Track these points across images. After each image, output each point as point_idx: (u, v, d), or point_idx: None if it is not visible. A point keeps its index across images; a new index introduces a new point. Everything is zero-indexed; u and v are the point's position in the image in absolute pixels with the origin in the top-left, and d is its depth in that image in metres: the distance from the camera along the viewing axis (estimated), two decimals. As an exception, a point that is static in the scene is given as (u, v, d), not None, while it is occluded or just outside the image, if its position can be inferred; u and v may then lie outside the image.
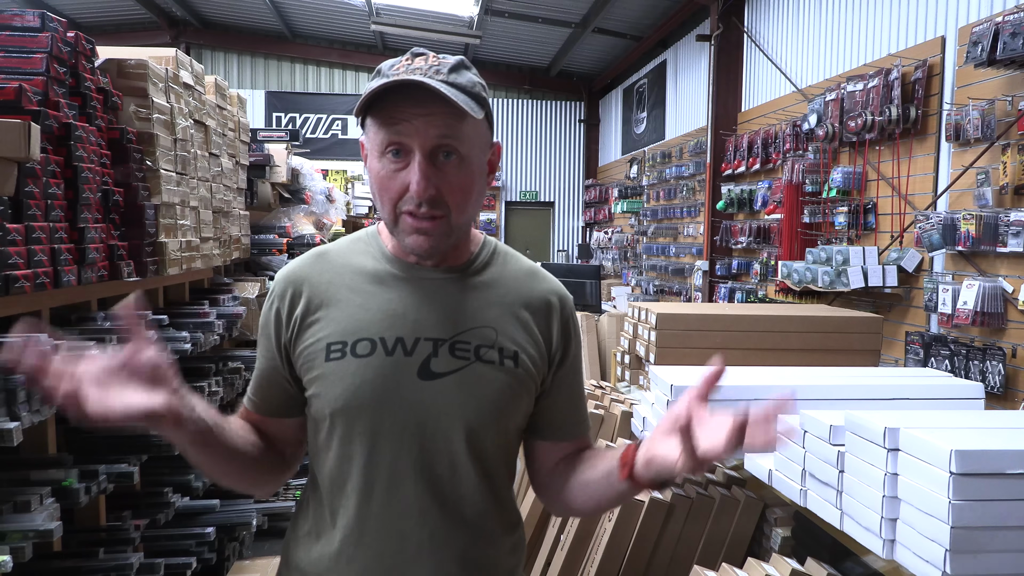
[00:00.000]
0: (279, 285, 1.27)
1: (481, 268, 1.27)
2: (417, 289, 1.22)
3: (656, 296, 10.35)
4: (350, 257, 1.27)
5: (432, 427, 1.19)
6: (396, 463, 1.19)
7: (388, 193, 1.16)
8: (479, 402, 1.19)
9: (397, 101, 1.13)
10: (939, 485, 1.43)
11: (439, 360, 1.19)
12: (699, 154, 9.12)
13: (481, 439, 1.21)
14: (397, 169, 1.14)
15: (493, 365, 1.20)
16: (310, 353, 1.21)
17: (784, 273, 5.86)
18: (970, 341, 4.35)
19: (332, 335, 1.20)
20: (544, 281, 1.30)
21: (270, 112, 14.12)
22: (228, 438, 1.18)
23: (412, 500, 1.19)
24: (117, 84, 2.82)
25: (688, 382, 2.26)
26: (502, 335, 1.22)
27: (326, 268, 1.26)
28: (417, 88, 1.11)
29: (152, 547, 2.80)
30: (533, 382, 1.25)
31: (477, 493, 1.22)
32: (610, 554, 2.39)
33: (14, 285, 1.97)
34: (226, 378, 3.46)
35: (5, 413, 1.84)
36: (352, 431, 1.19)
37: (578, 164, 15.24)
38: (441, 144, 1.13)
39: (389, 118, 1.13)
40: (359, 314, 1.21)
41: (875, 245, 5.29)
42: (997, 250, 4.08)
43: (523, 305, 1.26)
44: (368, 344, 1.19)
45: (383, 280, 1.23)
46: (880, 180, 5.41)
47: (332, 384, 1.19)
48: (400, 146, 1.13)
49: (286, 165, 5.22)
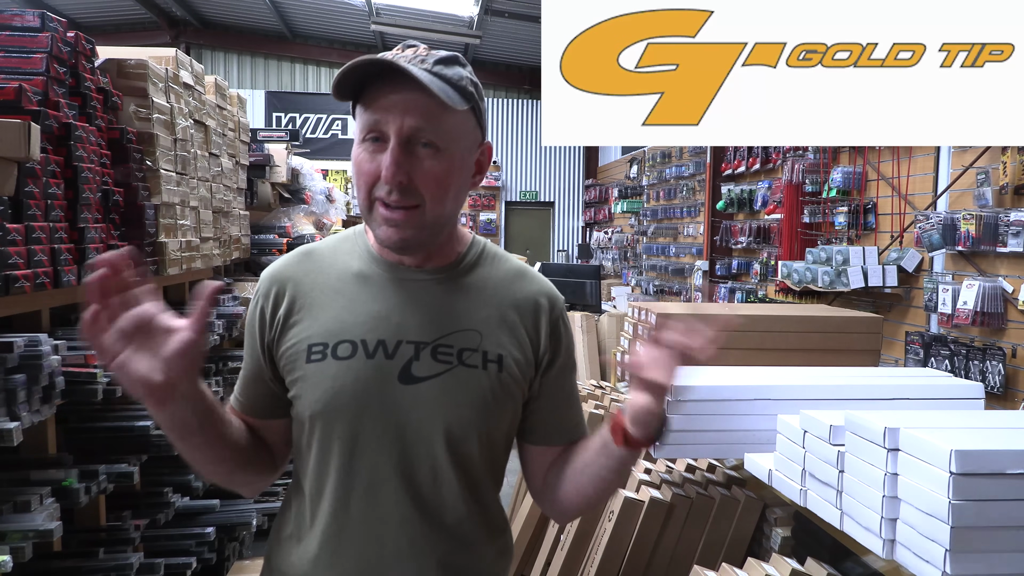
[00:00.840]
0: (263, 284, 1.25)
1: (469, 269, 1.24)
2: (401, 290, 1.20)
3: (656, 296, 10.35)
4: (336, 256, 1.24)
5: (412, 433, 1.16)
6: (375, 468, 1.16)
7: (363, 177, 1.14)
8: (460, 408, 1.16)
9: (380, 87, 1.11)
10: (939, 485, 1.43)
11: (420, 364, 1.16)
12: (699, 154, 9.12)
13: (463, 445, 1.18)
14: (373, 153, 1.12)
15: (476, 370, 1.17)
16: (292, 354, 1.19)
17: (784, 273, 5.86)
18: (970, 341, 4.35)
19: (314, 336, 1.18)
20: (533, 282, 1.27)
21: (270, 112, 14.12)
22: (225, 429, 1.16)
23: (392, 506, 1.17)
24: (117, 84, 2.82)
25: (688, 382, 2.26)
26: (487, 339, 1.19)
27: (312, 267, 1.24)
28: (397, 74, 1.09)
29: (152, 547, 2.80)
30: (519, 387, 1.22)
31: (459, 500, 1.19)
32: (610, 554, 2.39)
33: (14, 285, 1.97)
34: (226, 378, 3.46)
35: (5, 413, 1.84)
36: (331, 434, 1.17)
37: (578, 164, 15.24)
38: (417, 132, 1.11)
39: (371, 102, 1.12)
40: (342, 315, 1.18)
41: (875, 245, 5.29)
42: (997, 250, 4.08)
43: (511, 307, 1.23)
44: (349, 346, 1.16)
45: (368, 281, 1.21)
46: (880, 180, 5.41)
47: (312, 386, 1.17)
48: (379, 132, 1.12)
49: (286, 165, 5.23)
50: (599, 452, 1.20)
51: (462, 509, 1.20)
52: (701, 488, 2.48)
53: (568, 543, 2.55)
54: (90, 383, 2.15)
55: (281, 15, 12.83)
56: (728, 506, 2.39)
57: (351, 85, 1.12)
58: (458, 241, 1.25)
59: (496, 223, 15.00)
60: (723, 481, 2.56)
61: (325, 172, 7.32)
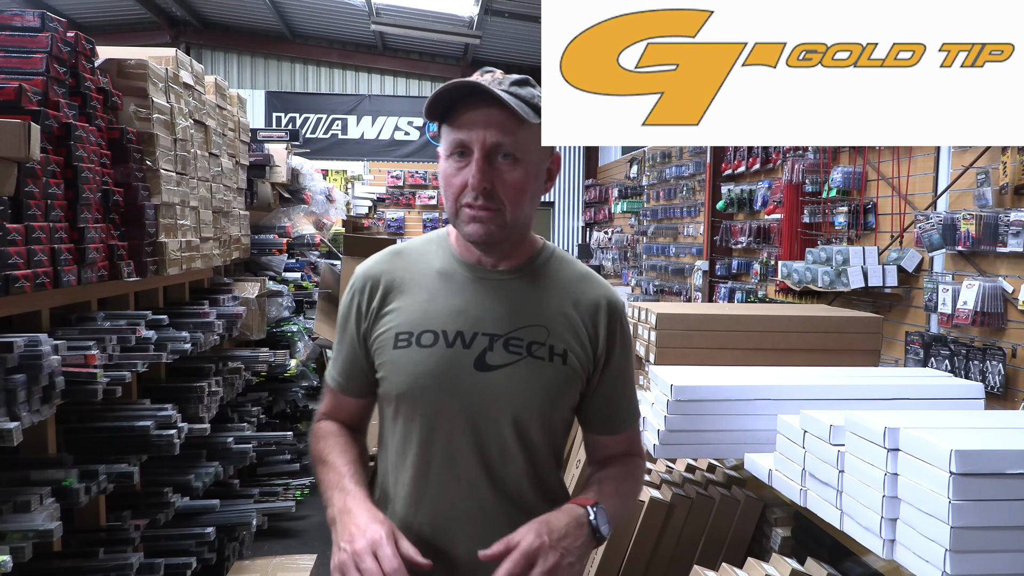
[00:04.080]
0: (358, 280, 1.41)
1: (539, 270, 1.39)
2: (479, 287, 1.35)
3: (656, 296, 10.34)
4: (422, 256, 1.41)
5: (484, 414, 1.32)
6: (451, 443, 1.33)
7: (451, 189, 1.30)
8: (527, 395, 1.32)
9: (465, 109, 1.28)
10: (939, 485, 1.43)
11: (494, 354, 1.31)
12: (699, 154, 9.12)
13: (527, 428, 1.33)
14: (460, 167, 1.29)
15: (543, 362, 1.32)
16: (382, 341, 1.36)
17: (784, 273, 5.86)
18: (970, 341, 4.34)
19: (401, 325, 1.35)
20: (597, 286, 1.41)
21: (270, 112, 14.10)
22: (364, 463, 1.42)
23: (464, 475, 1.33)
24: (117, 84, 2.81)
25: (688, 382, 2.26)
26: (553, 334, 1.34)
27: (400, 265, 1.41)
28: (479, 96, 1.26)
29: (152, 547, 2.80)
30: (580, 380, 1.37)
31: (523, 475, 1.35)
32: (610, 554, 2.39)
33: (14, 285, 1.97)
34: (226, 378, 3.46)
35: (5, 413, 1.84)
36: (413, 413, 1.34)
37: (578, 164, 15.23)
38: (498, 145, 1.27)
39: (456, 122, 1.29)
40: (426, 307, 1.35)
41: (875, 245, 5.28)
42: (997, 250, 4.08)
43: (574, 306, 1.37)
44: (431, 336, 1.32)
45: (450, 278, 1.37)
46: (880, 180, 5.41)
47: (397, 370, 1.34)
48: (464, 147, 1.28)
49: (286, 165, 5.22)
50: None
51: (525, 483, 1.35)
52: (701, 488, 2.48)
53: (568, 543, 2.54)
54: (90, 383, 2.14)
55: (281, 15, 12.82)
56: (728, 506, 2.39)
57: (441, 107, 1.29)
58: (530, 245, 1.41)
59: (496, 223, 15.00)
60: (723, 481, 2.56)
61: (325, 172, 7.32)
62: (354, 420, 1.50)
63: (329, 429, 1.47)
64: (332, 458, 1.40)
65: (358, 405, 1.48)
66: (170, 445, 2.50)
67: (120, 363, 2.38)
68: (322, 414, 1.51)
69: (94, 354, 2.20)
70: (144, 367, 2.49)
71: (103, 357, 2.27)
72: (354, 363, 1.42)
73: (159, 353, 2.62)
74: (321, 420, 1.51)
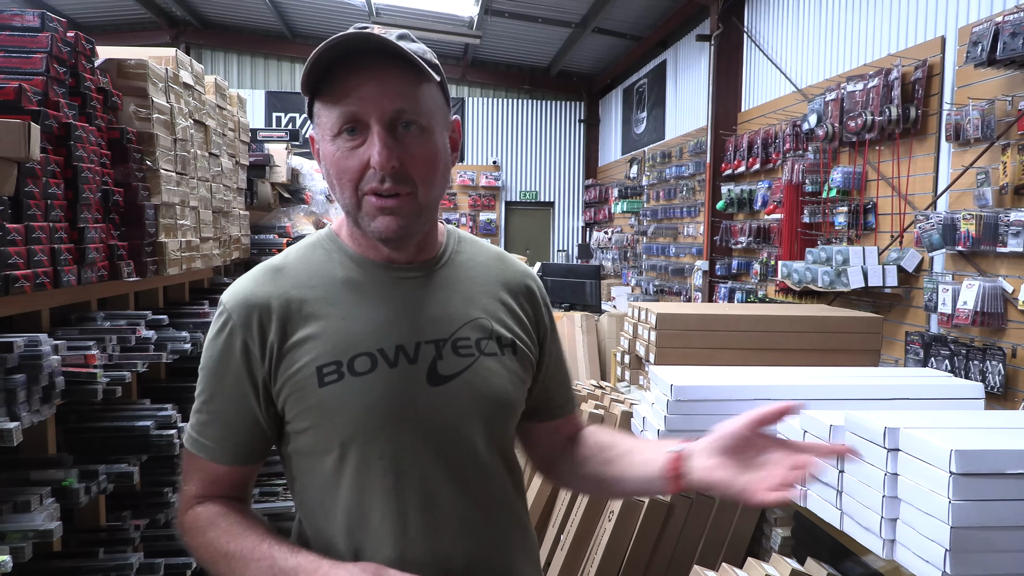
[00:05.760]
0: (239, 313, 1.10)
1: (455, 256, 1.20)
2: (401, 289, 1.12)
3: (656, 296, 10.34)
4: (313, 267, 1.14)
5: (453, 435, 1.11)
6: (425, 482, 1.09)
7: (347, 175, 1.05)
8: (491, 398, 1.13)
9: (346, 76, 1.04)
10: (939, 485, 1.43)
11: (445, 362, 1.10)
12: (699, 154, 9.12)
13: (499, 434, 1.16)
14: (354, 147, 1.04)
15: (496, 357, 1.15)
16: (297, 382, 1.08)
17: (784, 273, 5.86)
18: (970, 341, 4.34)
19: (321, 356, 1.07)
20: (516, 264, 1.26)
21: (270, 112, 14.11)
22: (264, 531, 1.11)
23: (449, 512, 1.10)
24: (117, 84, 2.81)
25: (688, 382, 2.25)
26: (496, 323, 1.17)
27: (287, 284, 1.11)
28: (368, 53, 1.03)
29: (152, 547, 2.79)
30: (531, 367, 1.22)
31: (505, 485, 1.18)
32: (610, 554, 2.39)
33: (14, 285, 1.97)
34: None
35: (5, 413, 1.84)
36: (370, 457, 1.08)
37: (578, 164, 15.23)
38: (400, 113, 1.04)
39: (339, 93, 1.04)
40: (346, 328, 1.08)
41: (875, 245, 5.29)
42: (997, 250, 4.08)
43: (503, 289, 1.20)
44: (367, 359, 1.07)
45: (359, 286, 1.12)
46: (880, 180, 5.41)
47: (335, 411, 1.07)
48: (355, 121, 1.04)
49: (286, 165, 5.22)
50: (642, 480, 1.19)
51: (508, 489, 1.19)
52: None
53: (568, 543, 2.55)
54: (90, 383, 2.15)
55: (281, 15, 12.82)
56: (728, 506, 2.39)
57: (317, 75, 1.05)
58: (440, 230, 1.21)
59: (496, 223, 14.99)
60: (723, 481, 2.56)
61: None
62: (239, 492, 1.17)
63: (214, 513, 1.12)
64: (238, 546, 1.07)
65: (242, 474, 1.16)
66: (170, 445, 2.49)
67: (120, 363, 2.38)
68: (192, 498, 1.14)
69: (94, 354, 2.20)
70: (144, 367, 2.49)
71: (103, 357, 2.27)
72: (238, 422, 1.11)
73: (159, 353, 2.62)
74: (194, 506, 1.14)
